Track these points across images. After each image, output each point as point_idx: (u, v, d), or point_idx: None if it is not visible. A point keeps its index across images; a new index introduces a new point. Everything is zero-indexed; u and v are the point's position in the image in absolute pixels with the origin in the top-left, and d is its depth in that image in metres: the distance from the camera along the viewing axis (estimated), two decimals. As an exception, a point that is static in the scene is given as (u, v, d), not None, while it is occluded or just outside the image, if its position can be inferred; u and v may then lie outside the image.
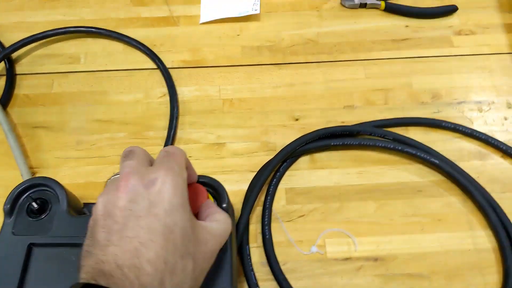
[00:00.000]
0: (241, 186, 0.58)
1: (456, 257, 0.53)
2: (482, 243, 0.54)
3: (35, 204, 0.46)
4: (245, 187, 0.58)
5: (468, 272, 0.52)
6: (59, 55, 0.69)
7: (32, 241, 0.44)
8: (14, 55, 0.69)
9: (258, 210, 0.57)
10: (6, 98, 0.65)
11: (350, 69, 0.67)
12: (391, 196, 0.57)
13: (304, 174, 0.59)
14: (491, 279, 0.52)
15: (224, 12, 0.71)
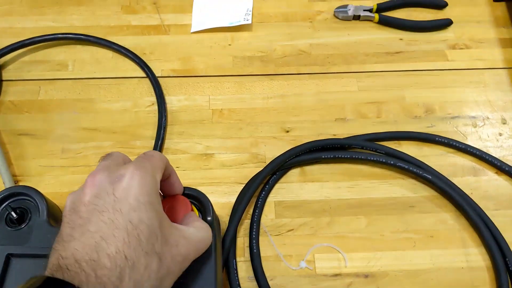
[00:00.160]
0: (229, 198, 0.57)
1: (448, 275, 0.52)
2: (475, 261, 0.53)
3: (14, 214, 0.45)
4: (233, 199, 0.57)
5: (460, 291, 0.52)
6: (47, 61, 0.68)
7: (10, 251, 0.43)
8: (1, 60, 0.68)
9: (246, 223, 0.56)
10: (-9, 105, 0.64)
11: (343, 81, 0.66)
12: (382, 211, 0.56)
13: (294, 187, 0.58)
14: (484, 298, 0.51)
15: (216, 21, 0.70)
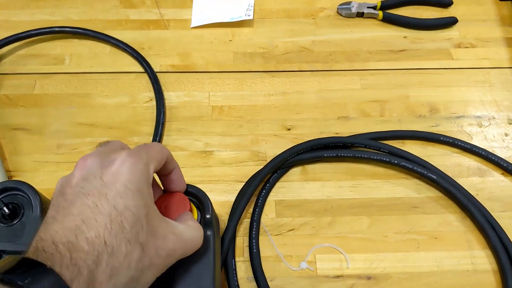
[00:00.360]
0: (229, 197, 0.56)
1: (453, 278, 0.51)
2: (481, 264, 0.52)
3: (7, 209, 0.44)
4: (232, 198, 0.56)
5: (466, 294, 0.51)
6: (43, 55, 0.67)
7: (2, 248, 0.42)
8: (-4, 54, 0.67)
9: (245, 222, 0.55)
10: (-14, 98, 0.63)
11: (346, 79, 0.65)
12: (385, 211, 0.55)
13: (295, 186, 0.57)
14: (490, 302, 0.50)
15: (216, 16, 0.69)
